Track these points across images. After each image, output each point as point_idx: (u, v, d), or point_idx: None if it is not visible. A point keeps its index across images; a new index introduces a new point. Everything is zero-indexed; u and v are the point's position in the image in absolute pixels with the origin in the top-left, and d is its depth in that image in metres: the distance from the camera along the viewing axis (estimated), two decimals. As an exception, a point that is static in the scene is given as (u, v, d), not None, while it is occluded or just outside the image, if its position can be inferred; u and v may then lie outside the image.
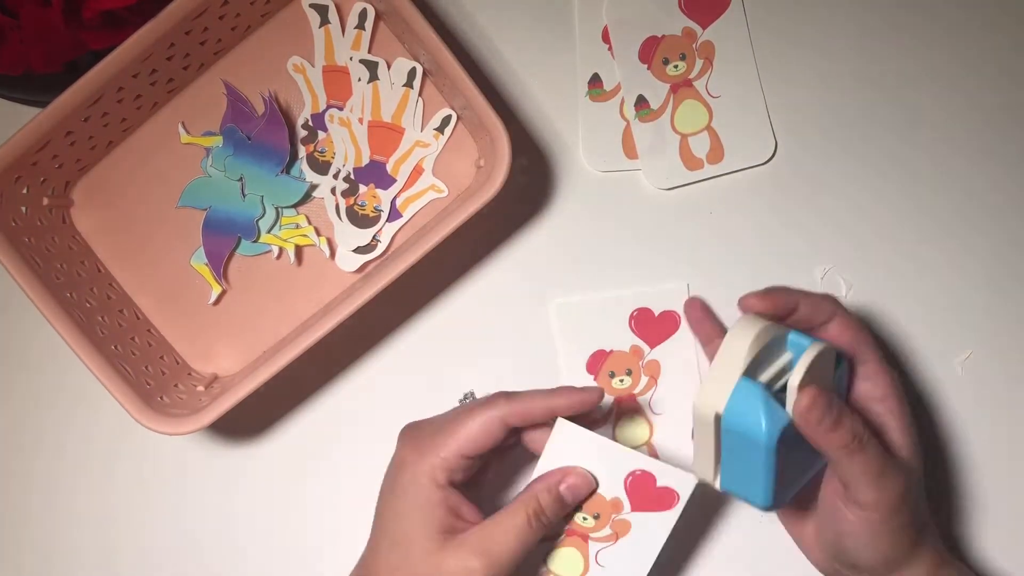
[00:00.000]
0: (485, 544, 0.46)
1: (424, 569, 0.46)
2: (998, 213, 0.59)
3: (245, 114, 0.56)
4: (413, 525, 0.46)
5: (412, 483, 0.47)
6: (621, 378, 0.56)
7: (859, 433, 0.44)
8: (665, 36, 0.58)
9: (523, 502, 0.47)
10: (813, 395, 0.43)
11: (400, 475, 0.48)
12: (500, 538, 0.46)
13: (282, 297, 0.57)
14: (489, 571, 0.45)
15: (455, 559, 0.46)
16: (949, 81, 0.60)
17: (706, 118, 0.58)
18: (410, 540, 0.46)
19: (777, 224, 0.59)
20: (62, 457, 0.57)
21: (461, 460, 0.47)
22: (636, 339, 0.56)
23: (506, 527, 0.46)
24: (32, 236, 0.52)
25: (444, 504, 0.47)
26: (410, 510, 0.47)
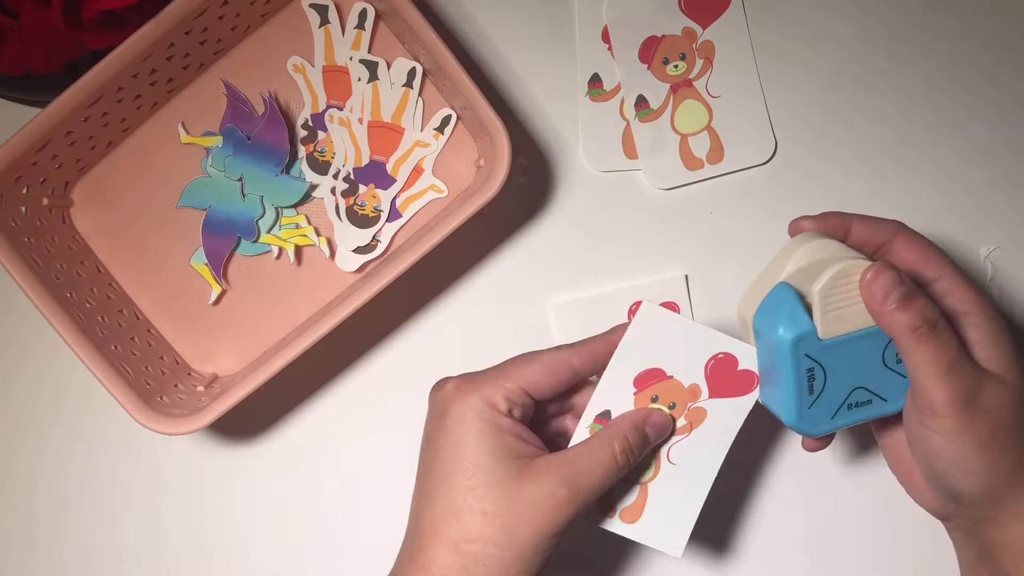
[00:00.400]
0: (570, 472, 0.42)
1: (496, 499, 0.41)
2: (999, 213, 0.59)
3: (245, 114, 0.56)
4: (478, 453, 0.41)
5: (469, 413, 0.42)
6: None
7: (931, 318, 0.40)
8: (665, 36, 0.58)
9: (609, 437, 0.43)
10: (880, 267, 0.40)
11: (450, 410, 0.43)
12: (587, 469, 0.42)
13: (282, 297, 0.57)
14: (574, 503, 0.41)
15: (537, 485, 0.41)
16: (949, 81, 0.60)
17: (706, 118, 0.58)
18: (475, 470, 0.41)
19: (777, 224, 0.59)
20: (62, 457, 0.57)
21: (523, 396, 0.43)
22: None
23: (593, 459, 0.42)
24: (32, 236, 0.52)
25: (513, 429, 0.42)
26: (471, 440, 0.42)
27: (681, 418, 0.46)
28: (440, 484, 0.42)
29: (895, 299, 0.40)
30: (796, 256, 0.42)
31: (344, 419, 0.58)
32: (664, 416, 0.45)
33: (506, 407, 0.43)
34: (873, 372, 0.43)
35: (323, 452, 0.58)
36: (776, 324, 0.42)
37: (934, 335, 0.40)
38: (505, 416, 0.43)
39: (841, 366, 0.42)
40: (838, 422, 0.44)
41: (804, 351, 0.42)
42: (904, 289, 0.40)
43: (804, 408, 0.43)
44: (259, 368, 0.50)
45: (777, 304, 0.42)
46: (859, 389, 0.43)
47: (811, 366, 0.42)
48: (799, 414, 0.43)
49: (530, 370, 0.44)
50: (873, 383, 0.43)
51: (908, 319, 0.40)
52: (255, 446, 0.58)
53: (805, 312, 0.42)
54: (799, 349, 0.41)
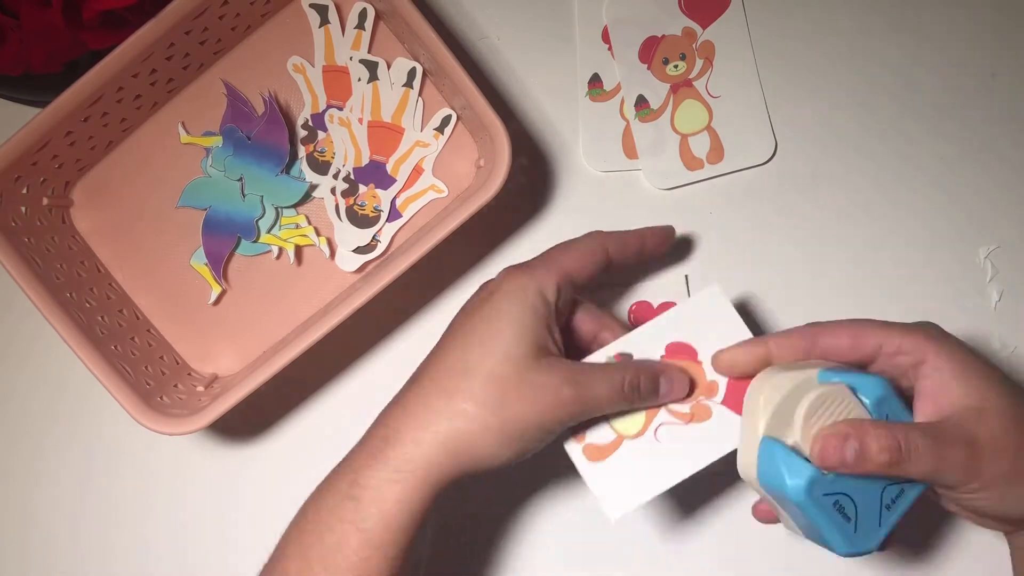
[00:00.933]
0: (580, 379, 0.43)
1: (508, 368, 0.42)
2: (999, 213, 0.59)
3: (245, 114, 0.56)
4: (505, 326, 0.43)
5: (516, 292, 0.44)
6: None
7: (893, 445, 0.40)
8: (665, 36, 0.58)
9: (624, 368, 0.44)
10: (820, 441, 0.41)
11: (501, 288, 0.44)
12: (595, 383, 0.43)
13: (282, 297, 0.57)
14: (574, 406, 0.43)
15: (547, 375, 0.42)
16: (949, 79, 0.60)
17: (706, 118, 0.58)
18: (501, 336, 0.42)
19: (777, 224, 0.59)
20: (62, 457, 0.57)
21: (568, 283, 0.45)
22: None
23: (604, 378, 0.43)
24: (32, 236, 0.52)
25: (547, 320, 0.44)
26: (508, 313, 0.43)
27: (687, 406, 0.46)
28: (460, 342, 0.43)
29: (852, 457, 0.40)
30: (762, 406, 0.43)
31: (344, 419, 0.58)
32: (684, 379, 0.46)
33: (554, 295, 0.44)
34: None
35: (323, 452, 0.58)
36: (782, 481, 0.42)
37: (904, 457, 0.40)
38: (550, 306, 0.44)
39: (860, 483, 0.42)
40: (886, 526, 0.43)
41: (820, 492, 0.42)
42: (851, 442, 0.40)
43: (850, 535, 0.42)
44: (259, 368, 0.50)
45: (771, 462, 0.42)
46: (888, 487, 0.43)
47: (835, 500, 0.42)
48: (851, 544, 0.42)
49: (569, 257, 0.46)
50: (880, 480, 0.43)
51: (876, 463, 0.40)
52: (255, 446, 0.58)
53: (799, 458, 0.42)
54: (815, 493, 0.41)
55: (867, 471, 0.41)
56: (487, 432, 0.42)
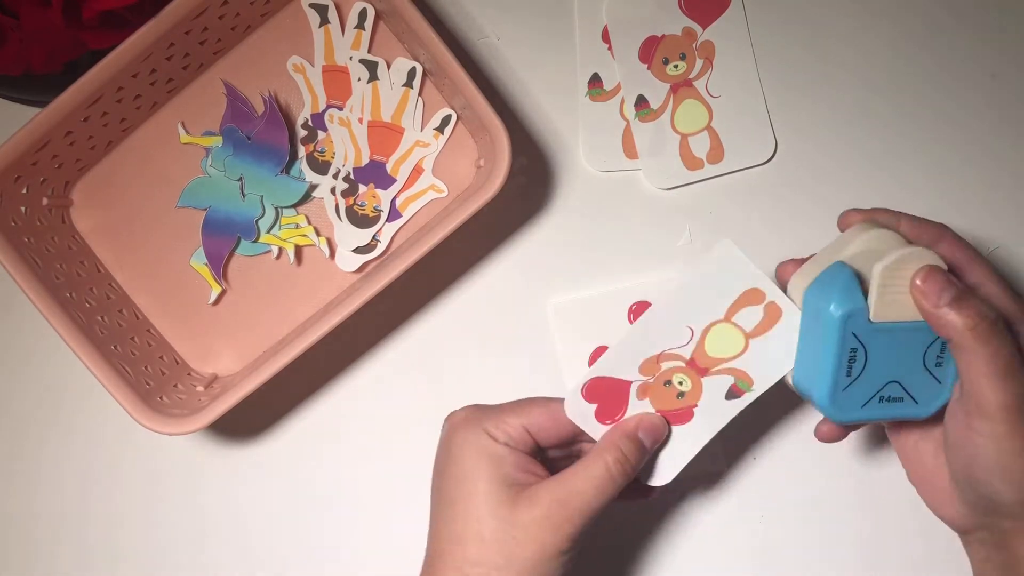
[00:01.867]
0: (564, 492, 0.42)
1: (493, 525, 0.42)
2: (1000, 212, 0.59)
3: (245, 114, 0.56)
4: (477, 481, 0.43)
5: (470, 442, 0.44)
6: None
7: (989, 316, 0.39)
8: (665, 36, 0.58)
9: (602, 451, 0.43)
10: (930, 269, 0.40)
11: (454, 439, 0.44)
12: (580, 487, 0.42)
13: (282, 297, 0.57)
14: (572, 523, 0.42)
15: (532, 510, 0.42)
16: (950, 79, 0.60)
17: (706, 118, 0.58)
18: (474, 497, 0.42)
19: (777, 224, 0.59)
20: (62, 457, 0.57)
21: (523, 433, 0.44)
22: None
23: (587, 476, 0.43)
24: (32, 236, 0.52)
25: (511, 458, 0.43)
26: (471, 468, 0.43)
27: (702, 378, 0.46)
28: (446, 510, 0.44)
29: (948, 298, 0.40)
30: (857, 241, 0.42)
31: (344, 419, 0.58)
32: (656, 419, 0.45)
33: (503, 439, 0.44)
34: (911, 370, 0.42)
35: (322, 452, 0.58)
36: (829, 297, 0.41)
37: (993, 334, 0.39)
38: (502, 446, 0.44)
39: (883, 355, 0.42)
40: (867, 413, 0.43)
41: (852, 329, 0.41)
42: (956, 290, 0.40)
43: (838, 390, 0.42)
44: (259, 368, 0.50)
45: (832, 280, 0.42)
46: (894, 383, 0.43)
47: (855, 346, 0.41)
48: (832, 395, 0.42)
49: (534, 412, 0.45)
50: (909, 381, 0.43)
51: (964, 318, 0.39)
52: (255, 446, 0.58)
53: (860, 291, 0.41)
54: (848, 325, 0.41)
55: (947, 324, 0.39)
56: None
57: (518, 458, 0.44)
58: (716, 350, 0.45)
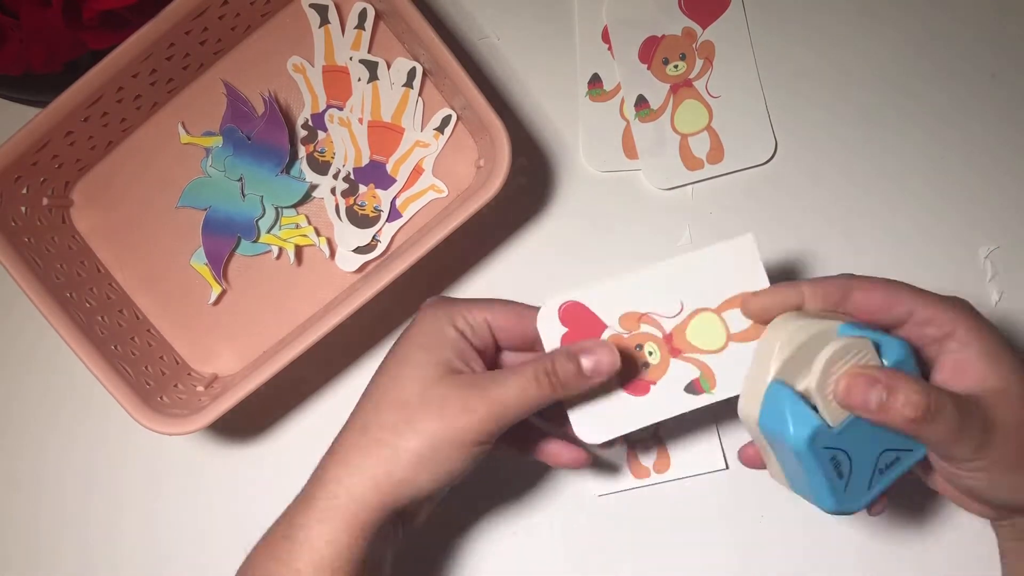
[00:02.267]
0: (485, 385, 0.42)
1: (410, 393, 0.42)
2: (999, 212, 0.59)
3: (245, 114, 0.56)
4: (415, 353, 0.43)
5: (427, 322, 0.44)
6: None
7: (923, 402, 0.39)
8: (665, 36, 0.58)
9: (537, 360, 0.43)
10: (848, 377, 0.40)
11: (416, 319, 0.45)
12: (503, 384, 0.42)
13: (282, 297, 0.57)
14: (482, 411, 0.41)
15: (451, 389, 0.42)
16: (949, 80, 0.60)
17: (706, 118, 0.58)
18: (405, 367, 0.43)
19: (777, 225, 0.59)
20: (62, 457, 0.57)
21: (485, 328, 0.45)
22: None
23: (512, 378, 0.42)
24: (32, 236, 0.52)
25: (457, 345, 0.44)
26: (415, 343, 0.44)
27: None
28: (376, 378, 0.45)
29: (877, 402, 0.39)
30: (777, 350, 0.42)
31: (344, 419, 0.58)
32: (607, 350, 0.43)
33: (462, 327, 0.44)
34: (890, 433, 0.42)
35: (323, 452, 0.58)
36: (785, 428, 0.41)
37: (931, 417, 0.39)
38: (457, 333, 0.44)
39: (860, 442, 0.42)
40: (875, 490, 0.43)
41: (821, 444, 0.41)
42: (880, 386, 0.39)
43: (840, 493, 0.42)
44: (259, 368, 0.50)
45: (777, 407, 0.41)
46: (885, 452, 0.43)
47: (832, 455, 0.41)
48: (837, 501, 0.42)
49: (499, 308, 0.45)
50: (894, 442, 0.43)
51: (900, 414, 0.39)
52: (255, 446, 0.58)
53: (807, 407, 0.41)
54: (816, 445, 0.41)
55: (885, 421, 0.40)
56: (402, 458, 0.42)
57: (464, 347, 0.44)
58: (696, 337, 0.45)
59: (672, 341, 0.45)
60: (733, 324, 0.44)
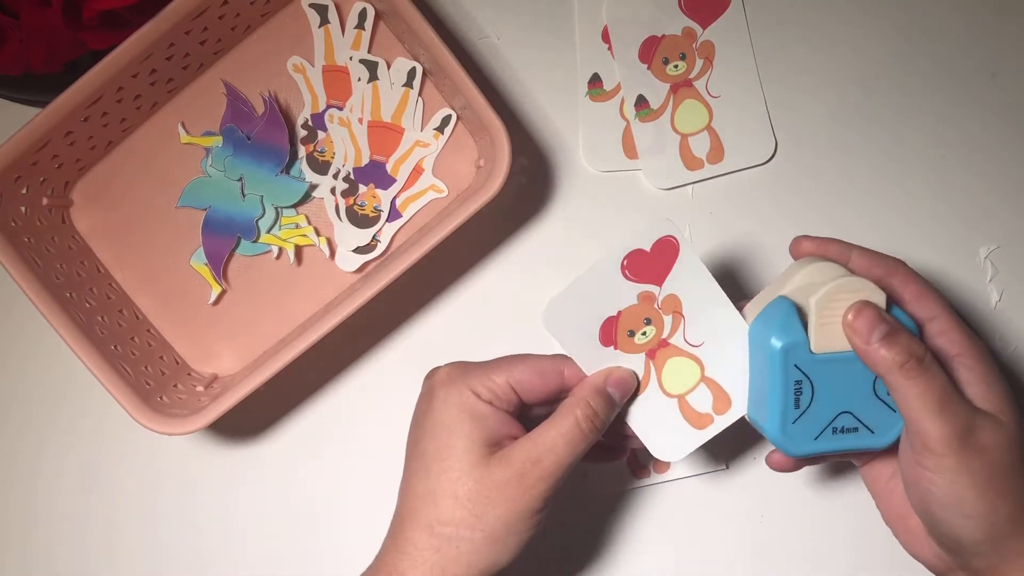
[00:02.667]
0: (536, 451, 0.42)
1: (467, 484, 0.42)
2: (999, 213, 0.59)
3: (245, 114, 0.56)
4: (455, 438, 0.43)
5: (452, 399, 0.43)
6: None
7: (917, 352, 0.40)
8: (665, 36, 0.58)
9: (571, 406, 0.43)
10: (860, 305, 0.40)
11: (436, 395, 0.44)
12: (551, 444, 0.42)
13: (282, 297, 0.57)
14: (544, 481, 0.42)
15: (505, 469, 0.42)
16: (949, 80, 0.60)
17: (706, 118, 0.58)
18: (451, 456, 0.42)
19: (778, 224, 0.59)
20: (61, 457, 0.57)
21: (508, 391, 0.44)
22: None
23: (558, 433, 0.43)
24: (32, 236, 0.52)
25: (493, 418, 0.43)
26: (451, 426, 0.43)
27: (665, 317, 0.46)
28: (420, 466, 0.43)
29: (879, 335, 0.40)
30: (800, 274, 0.43)
31: (344, 419, 0.58)
32: (625, 372, 0.45)
33: (488, 397, 0.44)
34: (863, 399, 0.42)
35: (323, 452, 0.58)
36: (769, 332, 0.42)
37: (922, 370, 0.40)
38: (486, 404, 0.43)
39: (831, 385, 0.42)
40: (821, 444, 0.43)
41: (794, 361, 0.41)
42: (887, 326, 0.40)
43: (788, 422, 0.42)
44: (259, 368, 0.50)
45: (773, 314, 0.42)
46: (846, 414, 0.43)
47: (799, 378, 0.42)
48: (783, 427, 0.42)
49: (520, 368, 0.44)
50: (861, 411, 0.43)
51: (894, 355, 0.40)
52: (255, 446, 0.58)
53: (800, 324, 0.41)
54: (789, 358, 0.41)
55: (877, 360, 0.40)
56: (481, 550, 0.42)
57: (500, 418, 0.44)
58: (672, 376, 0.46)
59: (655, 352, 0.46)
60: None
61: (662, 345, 0.47)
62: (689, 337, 0.47)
